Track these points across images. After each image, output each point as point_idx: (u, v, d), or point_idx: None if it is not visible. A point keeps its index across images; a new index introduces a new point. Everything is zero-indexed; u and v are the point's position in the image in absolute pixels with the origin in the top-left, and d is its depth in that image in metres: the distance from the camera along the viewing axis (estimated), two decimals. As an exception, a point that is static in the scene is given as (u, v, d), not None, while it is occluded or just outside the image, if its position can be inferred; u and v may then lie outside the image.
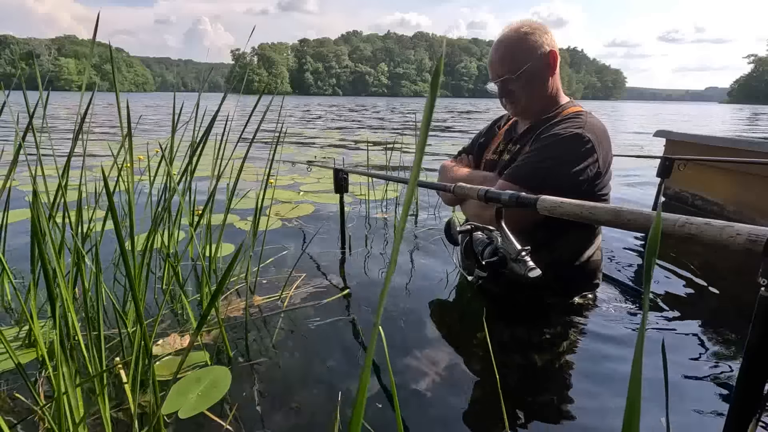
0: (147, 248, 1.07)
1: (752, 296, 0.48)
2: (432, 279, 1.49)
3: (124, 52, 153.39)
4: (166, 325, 1.16)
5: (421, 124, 0.23)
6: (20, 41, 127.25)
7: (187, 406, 0.86)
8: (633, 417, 0.30)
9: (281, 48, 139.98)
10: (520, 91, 1.20)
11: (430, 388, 0.93)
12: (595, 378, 0.99)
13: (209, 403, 0.86)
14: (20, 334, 1.06)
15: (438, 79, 0.23)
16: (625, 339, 1.13)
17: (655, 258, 0.31)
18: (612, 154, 1.18)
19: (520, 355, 1.07)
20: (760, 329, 0.48)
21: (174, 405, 0.86)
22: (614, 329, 1.17)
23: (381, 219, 2.22)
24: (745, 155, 2.13)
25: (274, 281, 1.44)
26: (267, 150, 4.56)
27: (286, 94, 79.43)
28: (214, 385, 0.92)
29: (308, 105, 24.77)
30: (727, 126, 12.62)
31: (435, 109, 0.40)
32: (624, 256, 1.76)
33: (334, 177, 1.67)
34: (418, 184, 1.19)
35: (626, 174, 3.74)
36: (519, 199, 0.83)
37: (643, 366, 0.29)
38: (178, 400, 0.87)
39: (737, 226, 0.51)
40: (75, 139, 1.06)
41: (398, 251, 0.24)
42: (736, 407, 0.50)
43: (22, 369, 0.69)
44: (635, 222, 0.62)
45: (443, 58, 0.24)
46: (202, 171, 3.03)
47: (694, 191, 2.57)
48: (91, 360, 0.83)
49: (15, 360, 0.68)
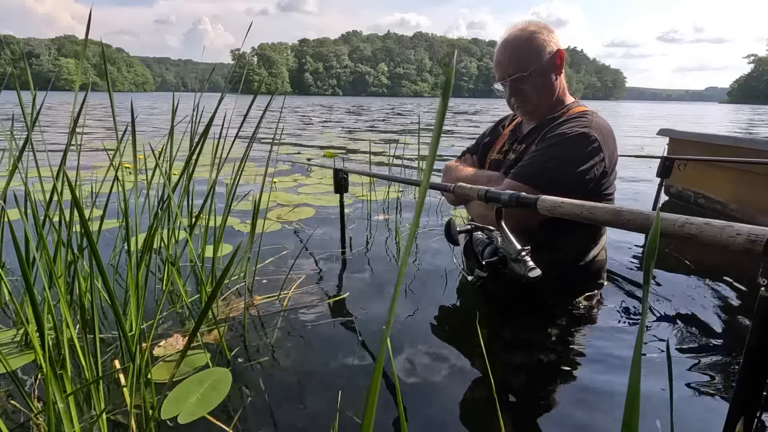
0: (144, 249, 1.07)
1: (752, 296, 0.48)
2: (433, 279, 1.49)
3: (124, 52, 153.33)
4: (168, 326, 1.15)
5: (434, 130, 0.23)
6: (20, 41, 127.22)
7: (186, 410, 0.85)
8: (632, 416, 0.30)
9: (281, 48, 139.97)
10: (531, 89, 1.20)
11: (431, 389, 0.93)
12: (598, 379, 0.99)
13: (209, 407, 0.85)
14: (16, 338, 1.06)
15: (449, 88, 0.22)
16: (628, 339, 1.13)
17: (654, 259, 0.31)
18: (618, 154, 1.18)
19: (522, 355, 1.07)
20: (760, 329, 0.48)
21: (174, 409, 0.85)
22: (617, 329, 1.17)
23: (382, 220, 2.22)
24: (747, 154, 2.13)
25: (274, 281, 1.44)
26: (267, 150, 4.55)
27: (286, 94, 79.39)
28: (214, 388, 0.91)
29: (308, 105, 24.79)
30: (727, 127, 12.61)
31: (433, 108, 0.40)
32: (627, 255, 1.76)
33: (333, 177, 1.66)
34: (418, 184, 1.19)
35: (626, 174, 3.74)
36: (519, 199, 0.83)
37: (643, 366, 0.29)
38: (179, 404, 0.86)
39: (737, 226, 0.51)
40: (72, 134, 1.06)
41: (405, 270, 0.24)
42: (736, 407, 0.50)
43: (14, 376, 0.69)
44: (635, 222, 0.62)
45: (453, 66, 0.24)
46: (203, 172, 3.04)
47: (697, 189, 2.57)
48: (86, 364, 0.83)
49: (7, 367, 0.67)
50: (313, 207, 2.44)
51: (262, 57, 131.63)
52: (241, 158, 1.33)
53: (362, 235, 1.96)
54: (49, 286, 0.96)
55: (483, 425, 0.84)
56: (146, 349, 0.88)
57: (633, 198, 2.92)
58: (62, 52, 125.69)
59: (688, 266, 1.62)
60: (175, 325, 1.16)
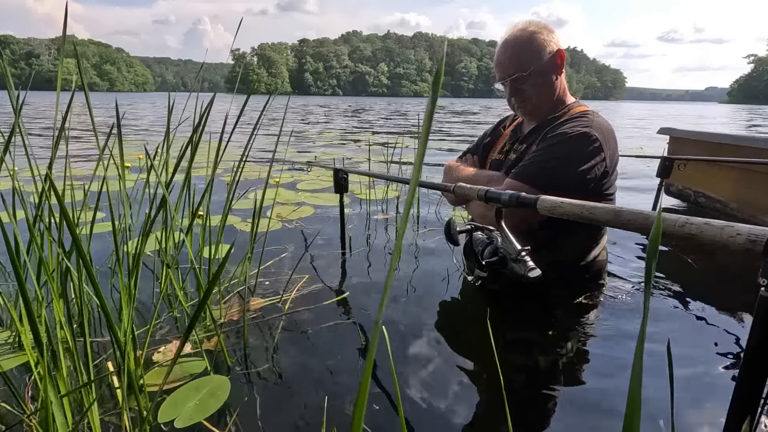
0: (137, 251, 1.05)
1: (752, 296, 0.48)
2: (433, 279, 1.49)
3: (124, 52, 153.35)
4: (165, 332, 1.14)
5: (423, 125, 0.23)
6: (20, 41, 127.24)
7: (184, 415, 0.84)
8: (634, 416, 0.30)
9: (281, 48, 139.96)
10: (531, 89, 1.20)
11: (432, 389, 0.93)
12: (599, 379, 0.99)
13: (207, 413, 0.85)
14: (9, 339, 1.05)
15: (439, 81, 0.22)
16: (629, 339, 1.13)
17: (656, 259, 0.30)
18: (618, 154, 1.18)
19: (522, 355, 1.07)
20: (760, 329, 0.48)
21: (170, 414, 0.84)
22: (618, 329, 1.17)
23: (382, 219, 2.22)
24: (747, 153, 2.12)
25: (275, 283, 1.44)
26: (267, 150, 4.54)
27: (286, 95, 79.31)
28: (212, 395, 0.89)
29: (308, 105, 24.77)
30: (729, 126, 12.61)
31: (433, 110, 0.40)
32: (628, 254, 1.76)
33: (333, 177, 1.66)
34: (418, 184, 1.19)
35: (626, 173, 3.74)
36: (519, 199, 0.82)
37: (644, 366, 0.29)
38: (176, 409, 0.85)
39: (737, 226, 0.51)
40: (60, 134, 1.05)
41: (399, 255, 0.24)
42: (736, 407, 0.50)
43: (7, 378, 0.69)
44: (635, 222, 0.62)
45: (444, 59, 0.24)
46: (202, 171, 3.04)
47: (697, 188, 2.56)
48: (78, 366, 0.82)
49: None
50: (312, 206, 2.44)
51: (261, 57, 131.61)
52: (240, 157, 1.33)
53: (362, 235, 1.96)
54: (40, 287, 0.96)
55: (484, 425, 0.84)
56: (142, 355, 0.88)
57: (633, 198, 2.92)
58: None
59: (688, 266, 1.62)
60: (173, 331, 1.15)
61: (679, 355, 1.07)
